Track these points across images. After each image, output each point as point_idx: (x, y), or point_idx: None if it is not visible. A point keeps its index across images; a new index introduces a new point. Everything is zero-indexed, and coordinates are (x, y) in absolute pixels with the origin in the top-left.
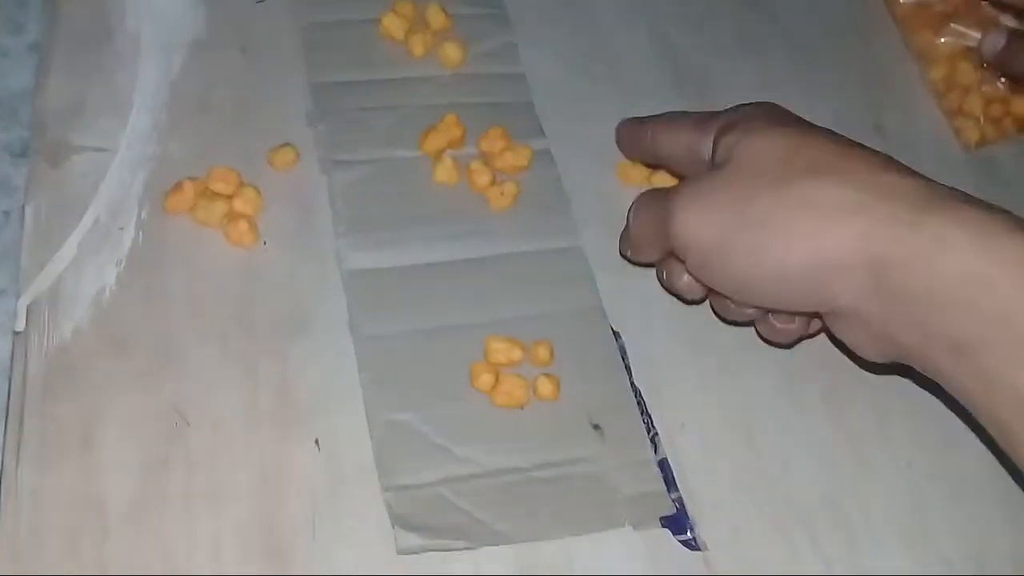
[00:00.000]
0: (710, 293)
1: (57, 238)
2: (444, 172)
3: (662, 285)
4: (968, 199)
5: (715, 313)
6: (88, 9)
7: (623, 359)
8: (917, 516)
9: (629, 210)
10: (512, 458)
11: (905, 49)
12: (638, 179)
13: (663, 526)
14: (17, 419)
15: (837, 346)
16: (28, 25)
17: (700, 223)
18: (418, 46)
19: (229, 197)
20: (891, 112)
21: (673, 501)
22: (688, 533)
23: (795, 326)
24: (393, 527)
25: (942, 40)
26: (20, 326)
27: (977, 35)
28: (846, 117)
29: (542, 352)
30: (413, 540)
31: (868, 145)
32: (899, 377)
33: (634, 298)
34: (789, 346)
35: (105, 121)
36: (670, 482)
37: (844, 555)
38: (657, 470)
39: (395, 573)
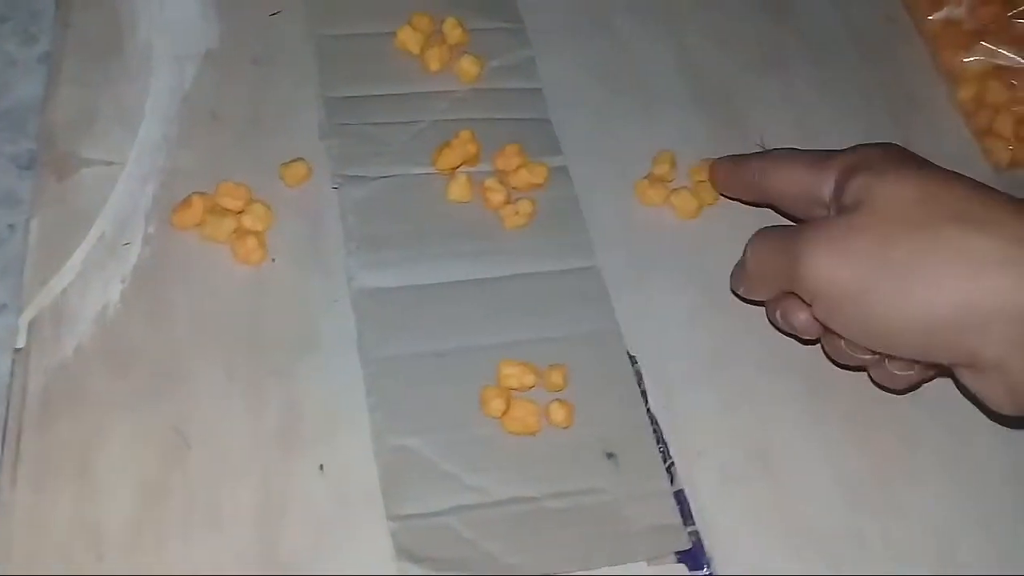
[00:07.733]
0: (826, 333)
1: (62, 253)
2: (458, 189)
3: (772, 323)
4: None
5: (826, 355)
6: (100, 20)
7: (639, 385)
8: (945, 552)
9: (747, 246)
10: (523, 487)
11: (933, 68)
12: (656, 199)
13: (679, 561)
14: (15, 438)
15: (963, 392)
16: (40, 36)
17: (835, 268)
18: (434, 60)
19: (238, 213)
20: (919, 131)
21: (689, 535)
22: (704, 569)
23: (914, 373)
24: (398, 559)
25: (971, 59)
26: (21, 343)
27: (1007, 53)
28: (873, 136)
29: (556, 377)
30: (418, 572)
31: None
32: (928, 403)
33: (651, 321)
34: (902, 392)
35: (114, 134)
36: (686, 514)
37: None
38: (673, 502)
39: None
